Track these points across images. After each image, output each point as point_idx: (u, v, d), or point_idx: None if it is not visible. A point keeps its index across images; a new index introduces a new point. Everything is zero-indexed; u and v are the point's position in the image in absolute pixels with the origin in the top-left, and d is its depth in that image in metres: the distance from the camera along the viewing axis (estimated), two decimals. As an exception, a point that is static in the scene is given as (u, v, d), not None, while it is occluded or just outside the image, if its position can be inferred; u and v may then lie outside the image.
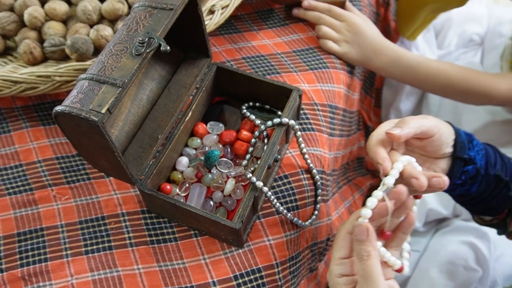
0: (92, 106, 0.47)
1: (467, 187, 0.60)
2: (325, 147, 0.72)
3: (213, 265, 0.60)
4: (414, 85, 0.90)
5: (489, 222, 0.69)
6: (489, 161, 0.59)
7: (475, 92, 0.85)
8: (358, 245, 0.48)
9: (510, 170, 0.61)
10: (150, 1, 0.55)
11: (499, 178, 0.60)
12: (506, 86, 0.84)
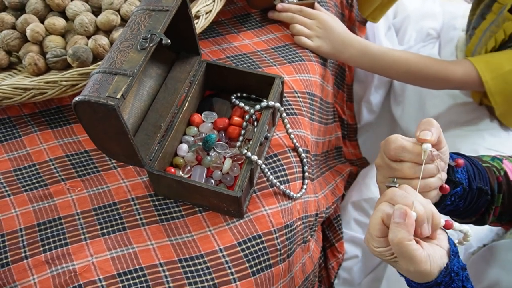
0: (108, 93, 0.55)
1: (456, 204, 0.65)
2: (307, 129, 0.81)
3: (219, 235, 0.67)
4: (380, 73, 0.99)
5: (468, 221, 0.77)
6: (470, 176, 0.64)
7: (434, 77, 0.95)
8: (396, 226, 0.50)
9: (484, 177, 0.69)
10: (147, 5, 0.63)
11: (481, 189, 0.66)
12: (461, 71, 0.94)
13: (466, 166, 0.64)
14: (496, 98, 0.90)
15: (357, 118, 1.29)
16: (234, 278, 0.64)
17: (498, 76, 0.88)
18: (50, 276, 0.65)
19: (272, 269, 0.67)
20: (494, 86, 0.89)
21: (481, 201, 0.66)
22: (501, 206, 0.71)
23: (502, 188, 0.69)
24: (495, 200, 0.68)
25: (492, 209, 0.68)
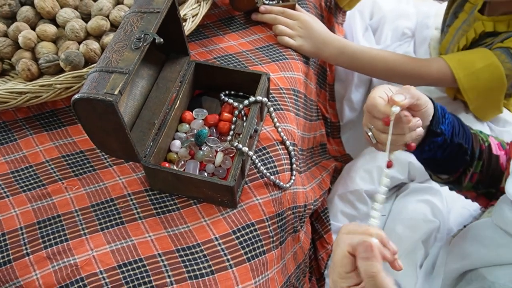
0: (106, 90, 0.58)
1: (434, 152, 0.71)
2: (294, 124, 0.85)
3: (214, 225, 0.70)
4: (359, 71, 1.04)
5: (446, 180, 0.82)
6: (454, 131, 0.70)
7: (411, 74, 0.99)
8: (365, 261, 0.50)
9: (468, 138, 0.74)
10: (139, 8, 0.67)
11: (460, 146, 0.72)
12: (436, 69, 0.99)
13: (454, 122, 0.70)
14: (469, 94, 0.95)
15: (339, 116, 1.33)
16: (230, 264, 0.67)
17: (471, 74, 0.93)
18: (52, 271, 0.67)
19: (266, 255, 0.70)
20: (466, 82, 0.94)
21: (459, 159, 0.71)
22: (479, 174, 0.76)
23: (483, 156, 0.75)
24: (474, 164, 0.74)
25: (470, 172, 0.73)
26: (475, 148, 0.75)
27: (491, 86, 0.94)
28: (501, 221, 0.70)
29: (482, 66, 0.92)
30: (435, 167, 0.78)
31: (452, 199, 1.04)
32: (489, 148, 0.77)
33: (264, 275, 0.69)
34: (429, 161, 0.76)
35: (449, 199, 1.04)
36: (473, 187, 0.80)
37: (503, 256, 0.69)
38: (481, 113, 1.07)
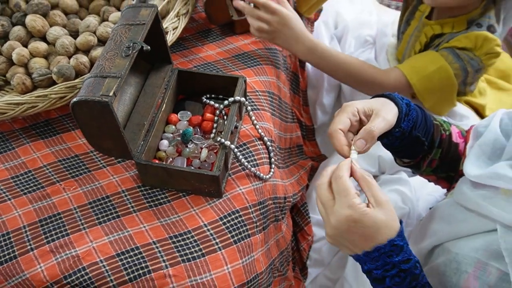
0: (101, 92, 0.65)
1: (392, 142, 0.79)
2: (270, 122, 0.93)
3: (202, 213, 0.77)
4: (325, 72, 1.11)
5: (407, 163, 0.91)
6: (415, 125, 0.77)
7: (370, 82, 1.08)
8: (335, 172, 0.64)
9: (428, 131, 0.83)
10: (126, 21, 0.75)
11: (418, 138, 0.79)
12: (393, 78, 1.07)
13: (417, 118, 0.78)
14: (424, 96, 1.04)
15: (313, 119, 1.42)
16: (219, 247, 0.74)
17: (423, 77, 1.03)
18: (56, 263, 0.73)
19: (250, 238, 0.77)
20: (420, 86, 1.03)
21: (417, 148, 0.80)
22: (438, 160, 0.85)
23: (442, 145, 0.84)
24: (433, 152, 0.83)
25: (428, 158, 0.82)
26: (436, 138, 0.84)
27: (442, 86, 1.03)
28: (461, 199, 0.79)
29: (433, 70, 1.02)
30: (394, 152, 0.87)
31: (419, 188, 1.14)
32: (449, 136, 0.86)
33: (250, 256, 0.76)
34: (388, 147, 0.85)
35: (417, 188, 1.13)
36: (432, 171, 0.89)
37: (464, 229, 0.77)
38: (437, 109, 1.15)
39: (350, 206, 0.62)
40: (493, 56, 1.01)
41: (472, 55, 1.00)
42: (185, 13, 0.96)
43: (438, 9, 1.09)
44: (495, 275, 0.69)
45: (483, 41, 0.99)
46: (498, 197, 0.71)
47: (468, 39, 1.01)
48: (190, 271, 0.72)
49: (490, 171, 0.73)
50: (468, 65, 1.00)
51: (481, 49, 1.00)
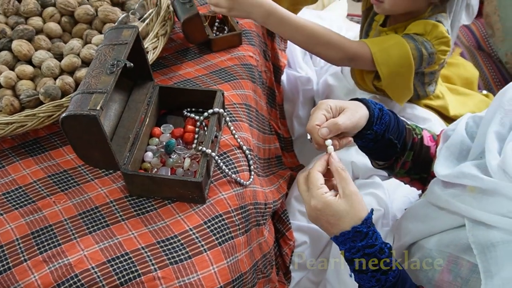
0: (89, 107, 0.70)
1: (366, 143, 0.85)
2: (248, 132, 0.99)
3: (187, 219, 0.82)
4: (286, 36, 1.12)
5: (382, 165, 0.97)
6: (388, 128, 0.84)
7: (334, 44, 1.09)
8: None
9: (400, 134, 0.88)
10: (110, 41, 0.80)
11: (391, 140, 0.86)
12: (356, 44, 1.11)
13: (390, 122, 0.84)
14: (382, 69, 1.10)
15: (291, 131, 1.49)
16: (205, 248, 0.79)
17: (383, 49, 1.09)
18: (49, 272, 0.77)
19: (234, 240, 0.82)
20: (380, 57, 1.08)
21: (390, 150, 0.87)
22: (410, 162, 0.92)
23: (414, 148, 0.91)
24: (405, 154, 0.89)
25: (401, 160, 0.89)
26: (408, 141, 0.90)
27: (400, 62, 1.08)
28: (432, 198, 0.85)
29: (392, 44, 1.09)
30: (369, 154, 0.93)
31: (393, 190, 1.20)
32: (421, 140, 0.93)
33: (234, 257, 0.81)
34: (363, 149, 0.91)
35: (391, 190, 1.20)
36: (406, 172, 0.96)
37: (436, 226, 0.83)
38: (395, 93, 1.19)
39: (314, 197, 0.71)
40: (443, 42, 1.09)
41: (424, 39, 1.08)
42: (164, 34, 1.02)
43: (391, 16, 1.18)
44: (466, 267, 0.74)
45: (432, 27, 1.08)
46: (466, 194, 0.77)
47: (419, 26, 1.10)
48: (178, 273, 0.76)
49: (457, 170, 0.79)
50: (422, 46, 1.08)
51: (431, 34, 1.09)
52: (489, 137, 0.78)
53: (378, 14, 1.21)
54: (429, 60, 1.09)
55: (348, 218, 0.70)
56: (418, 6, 1.11)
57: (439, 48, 1.09)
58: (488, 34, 1.82)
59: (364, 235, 0.70)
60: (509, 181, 0.70)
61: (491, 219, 0.71)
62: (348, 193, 0.70)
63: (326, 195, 0.71)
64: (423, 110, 1.29)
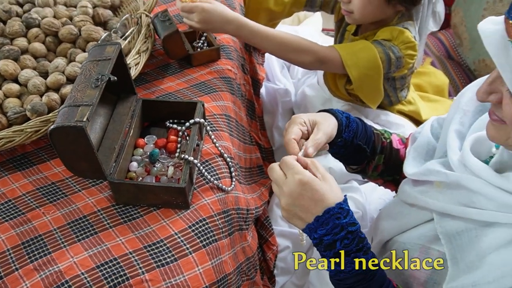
0: (76, 119, 0.74)
1: (337, 150, 0.92)
2: (228, 141, 1.03)
3: (172, 224, 0.86)
4: (258, 45, 1.19)
5: (355, 169, 1.03)
6: (356, 135, 0.91)
7: (304, 48, 1.16)
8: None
9: (369, 139, 0.95)
10: (94, 57, 0.85)
11: (360, 146, 0.92)
12: (326, 48, 1.19)
13: (358, 129, 0.91)
14: (352, 71, 1.16)
15: (271, 142, 1.54)
16: (190, 251, 0.83)
17: (351, 53, 1.16)
18: (40, 280, 0.79)
19: (217, 242, 0.86)
20: (349, 60, 1.15)
21: (361, 155, 0.92)
22: (382, 165, 0.97)
23: (384, 151, 0.96)
24: (376, 158, 0.95)
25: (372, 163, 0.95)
26: (377, 145, 0.96)
27: (369, 65, 1.16)
28: (403, 196, 0.91)
29: (360, 48, 1.16)
30: (342, 160, 0.99)
31: (369, 193, 1.26)
32: (390, 144, 0.99)
33: (218, 258, 0.85)
34: (335, 156, 0.97)
35: (367, 194, 1.25)
36: (379, 175, 1.01)
37: (408, 222, 0.89)
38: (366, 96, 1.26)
39: (298, 172, 0.73)
40: (410, 47, 1.16)
41: (391, 44, 1.16)
42: (145, 50, 1.07)
43: (362, 26, 1.26)
44: (435, 256, 0.80)
45: (398, 33, 1.16)
46: (433, 190, 0.84)
47: (386, 32, 1.18)
48: (165, 275, 0.80)
49: (423, 168, 0.86)
50: (390, 51, 1.15)
51: (398, 39, 1.16)
52: (450, 136, 0.85)
53: (350, 24, 1.28)
54: (398, 64, 1.16)
55: (332, 195, 0.73)
56: (386, 14, 1.18)
57: (406, 52, 1.16)
58: (456, 43, 1.91)
59: (346, 212, 0.73)
60: (469, 174, 0.76)
61: (455, 210, 0.77)
62: (327, 177, 0.75)
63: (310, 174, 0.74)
64: (396, 116, 1.35)
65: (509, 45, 0.61)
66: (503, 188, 0.71)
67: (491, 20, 0.65)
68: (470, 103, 0.87)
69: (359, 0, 1.14)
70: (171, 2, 1.38)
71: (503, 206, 0.70)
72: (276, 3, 1.34)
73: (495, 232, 0.71)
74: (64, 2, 1.22)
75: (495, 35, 0.63)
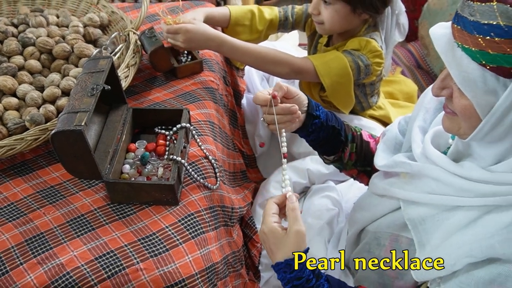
0: (75, 123, 0.83)
1: (316, 134, 1.00)
2: (213, 145, 1.13)
3: (163, 219, 0.94)
4: (238, 59, 1.31)
5: (331, 160, 1.11)
6: (328, 118, 1.00)
7: (280, 60, 1.27)
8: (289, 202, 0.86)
9: (340, 123, 1.03)
10: (88, 70, 0.94)
11: (334, 127, 1.01)
12: (300, 59, 1.29)
13: (327, 112, 1.01)
14: (325, 79, 1.27)
15: (253, 149, 1.63)
16: (180, 242, 0.91)
17: (324, 62, 1.27)
18: (43, 272, 0.87)
19: (205, 234, 0.95)
20: (322, 69, 1.26)
21: (336, 139, 1.02)
22: (355, 153, 1.07)
23: (356, 140, 1.06)
24: (349, 146, 1.04)
25: (347, 150, 1.04)
26: (348, 133, 1.06)
27: (340, 73, 1.26)
28: (374, 188, 1.00)
29: (331, 58, 1.27)
30: (320, 148, 1.07)
31: (345, 192, 1.36)
32: (361, 136, 1.09)
33: (206, 248, 0.93)
34: (315, 143, 1.05)
35: (343, 192, 1.35)
36: (353, 164, 1.11)
37: (378, 212, 0.98)
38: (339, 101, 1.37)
39: (264, 222, 0.86)
40: (376, 55, 1.28)
41: (360, 53, 1.27)
42: (134, 64, 1.16)
43: (333, 37, 1.37)
44: (404, 243, 0.89)
45: (365, 42, 1.27)
46: (400, 181, 0.93)
47: (354, 43, 1.29)
48: (158, 264, 0.88)
49: (391, 160, 0.95)
50: (358, 59, 1.26)
51: (366, 48, 1.27)
52: (414, 131, 0.95)
53: (322, 37, 1.40)
54: (366, 71, 1.27)
55: (286, 250, 0.82)
56: (353, 24, 1.30)
57: (373, 60, 1.27)
58: (424, 53, 2.05)
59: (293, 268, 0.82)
60: (430, 164, 0.85)
61: (419, 197, 0.86)
62: (294, 231, 0.83)
63: (275, 224, 0.85)
64: (368, 121, 1.46)
65: (454, 45, 0.72)
66: (459, 174, 0.79)
67: (441, 25, 0.76)
68: (431, 101, 0.97)
69: (328, 12, 1.26)
70: (156, 21, 1.48)
71: (460, 190, 0.79)
72: (252, 31, 1.45)
73: (455, 216, 0.80)
74: (56, 23, 1.31)
75: (444, 37, 0.73)
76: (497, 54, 0.66)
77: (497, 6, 0.64)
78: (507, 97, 0.68)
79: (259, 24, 1.44)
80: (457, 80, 0.71)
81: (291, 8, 1.48)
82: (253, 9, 1.44)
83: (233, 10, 1.43)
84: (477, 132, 0.74)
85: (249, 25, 1.44)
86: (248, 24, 1.44)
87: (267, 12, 1.45)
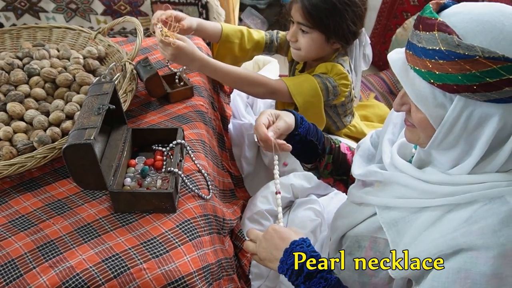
0: (85, 137, 0.94)
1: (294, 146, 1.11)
2: (204, 161, 1.24)
3: (163, 224, 1.05)
4: (220, 80, 1.45)
5: (309, 167, 1.23)
6: (308, 133, 1.12)
7: (257, 82, 1.39)
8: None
9: (320, 138, 1.15)
10: (94, 93, 1.06)
11: (312, 142, 1.13)
12: (275, 81, 1.43)
13: (309, 127, 1.13)
14: (297, 99, 1.40)
15: (240, 171, 1.74)
16: (179, 244, 1.01)
17: (296, 83, 1.41)
18: (55, 274, 0.96)
19: (201, 237, 1.05)
20: (294, 89, 1.40)
21: (313, 151, 1.14)
22: (331, 164, 1.19)
23: (333, 152, 1.18)
24: (326, 157, 1.16)
25: (323, 161, 1.16)
26: (326, 146, 1.18)
27: (311, 93, 1.40)
28: (352, 198, 1.12)
29: (303, 79, 1.42)
30: (297, 157, 1.19)
31: (327, 204, 1.47)
32: (338, 148, 1.21)
33: (201, 250, 1.03)
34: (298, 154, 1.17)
35: (325, 204, 1.47)
36: (329, 173, 1.22)
37: (357, 219, 1.09)
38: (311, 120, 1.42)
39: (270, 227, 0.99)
40: (342, 77, 1.42)
41: (327, 75, 1.42)
42: (131, 90, 1.28)
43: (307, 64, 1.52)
44: (382, 244, 0.99)
45: (332, 66, 1.42)
46: (374, 189, 1.04)
47: (322, 67, 1.44)
48: (159, 263, 0.98)
49: (365, 170, 1.07)
50: (326, 81, 1.41)
51: (332, 72, 1.42)
52: (384, 143, 1.07)
53: (299, 63, 1.55)
54: (335, 92, 1.42)
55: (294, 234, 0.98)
56: (326, 52, 1.45)
57: (340, 82, 1.42)
58: (395, 80, 2.22)
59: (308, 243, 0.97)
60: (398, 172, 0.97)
61: (391, 202, 0.96)
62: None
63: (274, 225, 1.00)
64: (344, 139, 1.59)
65: (408, 68, 0.85)
66: (423, 179, 0.90)
67: (397, 51, 0.90)
68: (398, 117, 1.10)
69: (305, 40, 1.41)
70: (150, 52, 1.61)
71: (424, 193, 0.89)
72: (240, 49, 1.60)
73: (422, 216, 0.90)
74: (57, 56, 1.43)
75: (399, 61, 0.87)
76: (441, 74, 0.77)
77: (438, 35, 0.77)
78: (453, 110, 0.79)
79: (248, 43, 1.59)
80: (412, 97, 0.83)
81: (275, 33, 1.63)
82: (243, 30, 1.60)
83: (225, 27, 1.58)
84: (433, 141, 0.84)
85: (239, 43, 1.59)
86: (238, 42, 1.59)
87: (255, 34, 1.61)
